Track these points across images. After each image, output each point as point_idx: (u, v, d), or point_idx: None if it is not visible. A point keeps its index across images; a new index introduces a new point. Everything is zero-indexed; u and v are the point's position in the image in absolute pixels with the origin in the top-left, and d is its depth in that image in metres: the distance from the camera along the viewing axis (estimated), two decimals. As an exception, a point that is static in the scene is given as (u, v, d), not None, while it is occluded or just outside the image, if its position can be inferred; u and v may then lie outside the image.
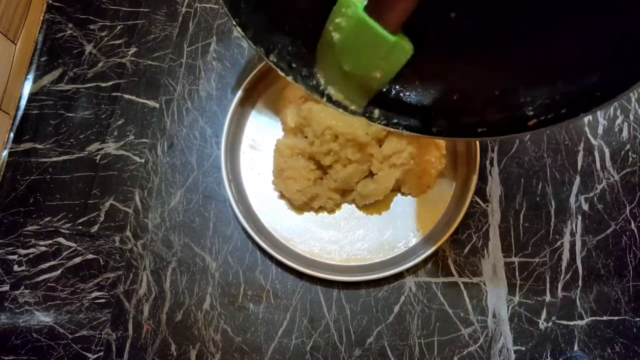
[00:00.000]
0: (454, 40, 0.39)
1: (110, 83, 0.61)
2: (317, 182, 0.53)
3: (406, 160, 0.49)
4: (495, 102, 0.39)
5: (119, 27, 0.63)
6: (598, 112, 0.58)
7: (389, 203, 0.55)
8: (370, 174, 0.52)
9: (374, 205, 0.54)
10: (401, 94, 0.44)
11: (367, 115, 0.46)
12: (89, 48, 0.62)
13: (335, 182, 0.51)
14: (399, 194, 0.55)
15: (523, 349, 0.52)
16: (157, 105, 0.60)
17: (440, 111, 0.43)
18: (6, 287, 0.54)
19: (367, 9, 0.37)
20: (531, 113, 0.36)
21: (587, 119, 0.58)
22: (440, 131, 0.43)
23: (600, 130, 0.58)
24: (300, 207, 0.54)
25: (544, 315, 0.52)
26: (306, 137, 0.52)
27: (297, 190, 0.52)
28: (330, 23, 0.41)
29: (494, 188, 0.56)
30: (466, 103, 0.41)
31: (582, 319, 0.52)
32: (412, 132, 0.45)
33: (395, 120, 0.45)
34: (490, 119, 0.40)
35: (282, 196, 0.55)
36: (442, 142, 0.54)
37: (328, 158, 0.49)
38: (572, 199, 0.56)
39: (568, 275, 0.54)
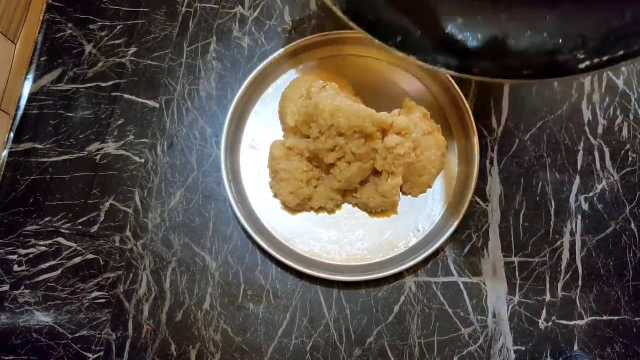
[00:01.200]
0: None
1: (110, 83, 0.61)
2: (312, 183, 0.53)
3: (409, 150, 0.49)
4: (543, 43, 0.37)
5: (119, 27, 0.63)
6: (598, 112, 0.58)
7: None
8: (373, 173, 0.52)
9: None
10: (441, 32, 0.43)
11: (399, 48, 0.44)
12: (89, 48, 0.62)
13: (339, 182, 0.51)
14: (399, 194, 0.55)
15: (523, 349, 0.52)
16: (157, 105, 0.60)
17: (483, 51, 0.41)
18: (6, 287, 0.54)
19: None
20: (582, 56, 0.35)
21: (588, 118, 0.58)
22: (483, 72, 0.41)
23: (600, 130, 0.58)
24: (294, 209, 0.54)
25: (544, 315, 0.52)
26: (308, 137, 0.52)
27: (289, 193, 0.52)
28: None
29: (494, 188, 0.56)
30: (512, 43, 0.39)
31: (582, 319, 0.52)
32: (451, 71, 0.43)
33: (433, 58, 0.43)
34: (537, 61, 0.38)
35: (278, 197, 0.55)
36: (443, 142, 0.54)
37: (332, 155, 0.49)
38: (572, 199, 0.56)
39: (568, 275, 0.54)
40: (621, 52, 0.32)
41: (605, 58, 0.33)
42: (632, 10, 0.33)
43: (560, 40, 0.36)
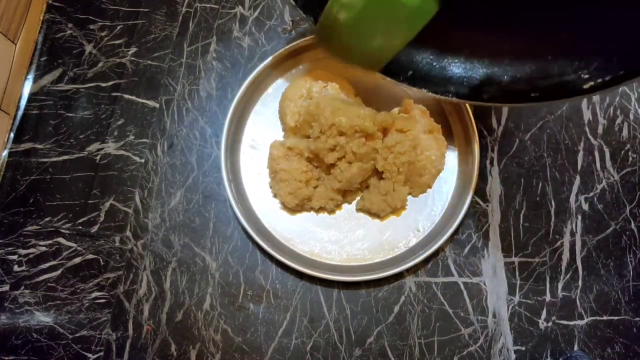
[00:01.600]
0: (502, 5, 0.38)
1: (110, 83, 0.61)
2: (311, 183, 0.53)
3: (409, 148, 0.49)
4: (548, 67, 0.38)
5: (119, 27, 0.63)
6: (598, 112, 0.58)
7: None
8: (374, 174, 0.52)
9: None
10: (448, 65, 0.44)
11: (410, 83, 0.46)
12: (89, 48, 0.62)
13: (339, 183, 0.51)
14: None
15: (523, 349, 0.52)
16: (157, 105, 0.60)
17: (490, 78, 0.43)
18: (6, 287, 0.54)
19: None
20: (586, 76, 0.36)
21: (588, 118, 0.58)
22: (492, 98, 0.43)
23: (600, 130, 0.58)
24: (293, 209, 0.54)
25: (544, 315, 0.52)
26: (308, 137, 0.52)
27: (288, 193, 0.52)
28: (333, 4, 0.40)
29: (494, 188, 0.56)
30: (517, 69, 0.41)
31: (582, 319, 0.52)
32: (461, 99, 0.45)
33: (444, 88, 0.45)
34: (543, 84, 0.39)
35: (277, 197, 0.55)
36: (443, 142, 0.54)
37: (332, 155, 0.49)
38: (572, 199, 0.56)
39: (568, 275, 0.54)
40: (622, 72, 0.33)
41: (608, 77, 0.34)
42: (630, 32, 0.33)
43: (564, 62, 0.37)
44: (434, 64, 0.45)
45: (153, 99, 0.60)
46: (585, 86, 0.36)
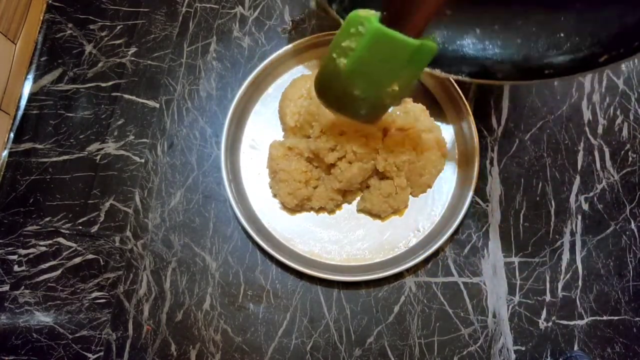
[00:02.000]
0: None
1: (110, 83, 0.61)
2: (311, 184, 0.53)
3: (409, 148, 0.50)
4: (561, 44, 0.38)
5: (119, 27, 0.63)
6: (598, 112, 0.58)
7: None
8: (375, 174, 0.52)
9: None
10: (461, 45, 0.44)
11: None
12: (89, 48, 0.62)
13: (339, 183, 0.51)
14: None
15: (523, 349, 0.52)
16: (157, 105, 0.60)
17: (505, 57, 0.43)
18: (6, 287, 0.54)
19: (384, 20, 0.35)
20: (600, 50, 0.36)
21: (588, 118, 0.58)
22: (506, 76, 0.43)
23: (600, 130, 0.58)
24: (293, 209, 0.54)
25: (544, 315, 0.52)
26: (308, 136, 0.52)
27: (288, 193, 0.52)
28: (333, 50, 0.38)
29: (494, 188, 0.56)
30: (531, 48, 0.41)
31: (582, 319, 0.52)
32: (475, 78, 0.45)
33: (458, 68, 0.45)
34: (557, 60, 0.39)
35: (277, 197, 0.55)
36: (443, 142, 0.54)
37: (332, 155, 0.49)
38: (572, 199, 0.56)
39: (568, 275, 0.54)
40: (636, 44, 0.34)
41: (622, 50, 0.35)
42: None
43: (577, 39, 0.37)
44: (447, 45, 0.45)
45: (153, 99, 0.60)
46: (601, 60, 0.36)
